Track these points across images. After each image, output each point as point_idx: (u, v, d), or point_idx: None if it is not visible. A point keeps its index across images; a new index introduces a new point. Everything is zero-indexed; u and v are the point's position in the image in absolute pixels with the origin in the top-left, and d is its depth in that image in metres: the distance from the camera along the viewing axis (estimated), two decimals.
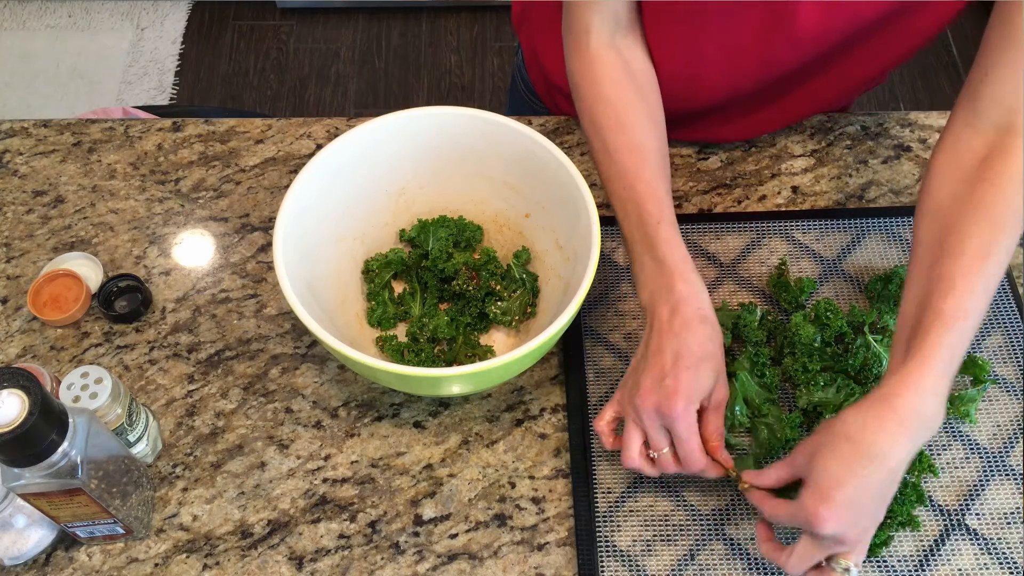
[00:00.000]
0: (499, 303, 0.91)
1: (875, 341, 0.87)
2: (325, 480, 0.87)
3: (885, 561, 0.81)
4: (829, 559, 0.73)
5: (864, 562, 0.81)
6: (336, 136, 0.89)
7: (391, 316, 0.93)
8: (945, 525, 0.83)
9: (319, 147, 1.07)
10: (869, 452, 0.69)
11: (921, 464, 0.83)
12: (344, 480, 0.87)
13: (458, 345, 0.91)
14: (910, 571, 0.81)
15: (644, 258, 0.81)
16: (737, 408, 0.86)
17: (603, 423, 0.81)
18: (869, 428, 0.69)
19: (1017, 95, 0.76)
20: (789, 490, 0.75)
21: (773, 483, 0.76)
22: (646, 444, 0.79)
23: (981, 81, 0.78)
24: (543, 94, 1.20)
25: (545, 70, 1.14)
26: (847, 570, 0.72)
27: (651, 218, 0.81)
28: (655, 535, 0.84)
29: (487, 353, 0.91)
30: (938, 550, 0.82)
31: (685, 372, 0.75)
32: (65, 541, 0.84)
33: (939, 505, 0.84)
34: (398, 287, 0.97)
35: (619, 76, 0.87)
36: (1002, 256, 0.73)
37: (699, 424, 0.78)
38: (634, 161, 0.84)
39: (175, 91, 2.37)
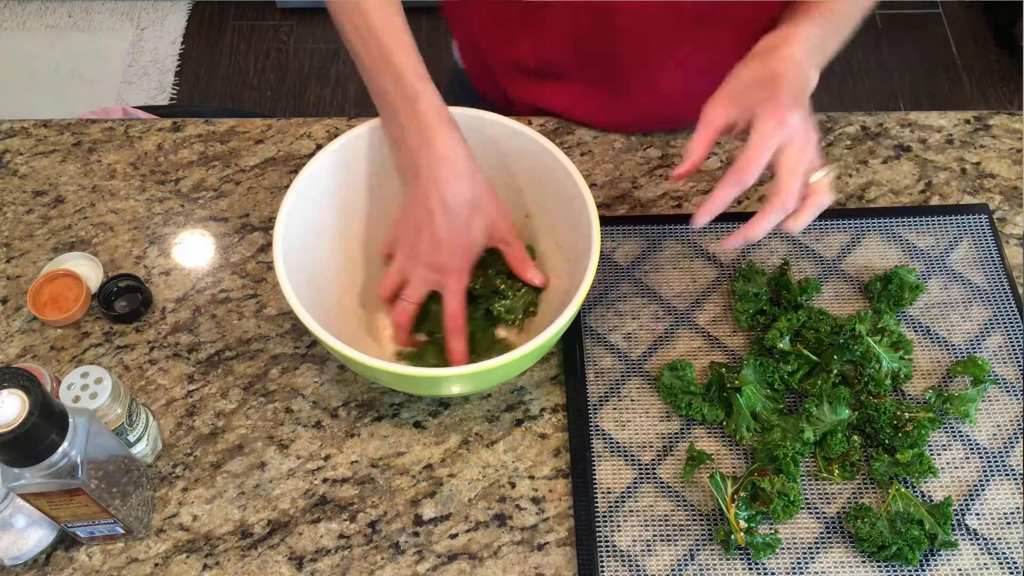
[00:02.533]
0: (503, 301, 0.91)
1: (874, 342, 0.87)
2: (325, 480, 0.87)
3: (885, 560, 0.81)
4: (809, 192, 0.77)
5: (865, 563, 0.82)
6: (336, 136, 0.89)
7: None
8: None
9: (319, 147, 1.07)
10: (785, 70, 0.76)
11: (921, 466, 0.83)
12: (344, 480, 0.87)
13: (477, 339, 0.92)
14: (910, 571, 0.81)
15: (404, 114, 0.83)
16: (744, 425, 0.86)
17: (387, 292, 0.88)
18: (775, 61, 0.77)
19: None
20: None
21: (701, 147, 0.79)
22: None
23: None
24: (485, 89, 1.17)
25: (489, 63, 1.11)
26: (825, 176, 0.77)
27: (409, 73, 0.84)
28: (655, 535, 0.84)
29: (502, 347, 0.90)
30: (938, 550, 0.82)
31: (459, 232, 0.82)
32: (65, 541, 0.84)
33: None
34: None
35: None
36: None
37: (506, 257, 0.87)
38: (384, 13, 0.87)
39: (175, 91, 2.37)
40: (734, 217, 1.01)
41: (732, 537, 0.81)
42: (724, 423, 0.87)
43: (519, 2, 0.96)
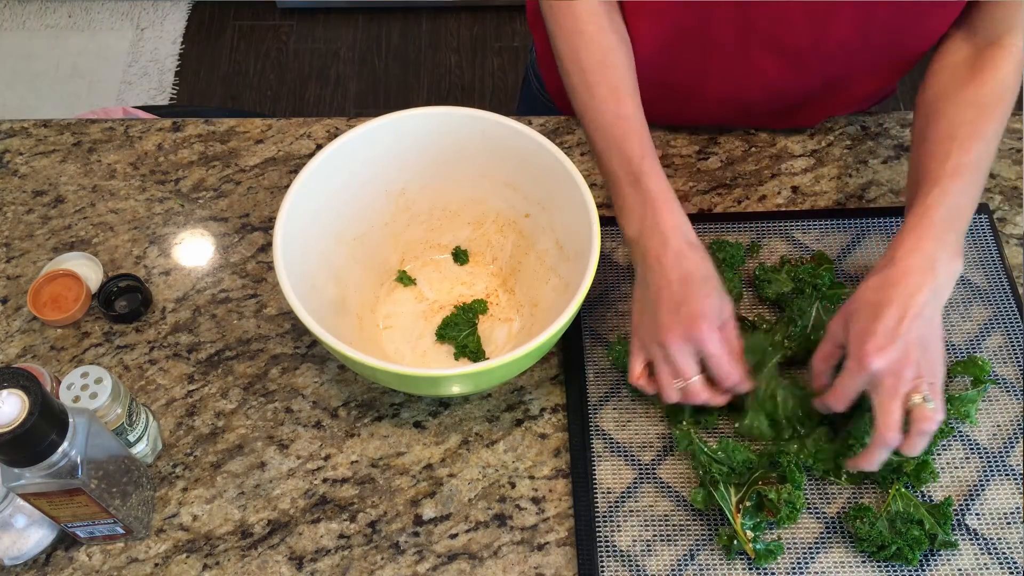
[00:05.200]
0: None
1: None
2: (325, 480, 0.87)
3: (885, 560, 0.81)
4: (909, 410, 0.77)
5: (865, 563, 0.82)
6: (336, 136, 0.89)
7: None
8: None
9: (319, 147, 1.07)
10: (896, 295, 0.76)
11: (925, 473, 0.83)
12: (344, 480, 0.87)
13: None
14: (911, 571, 0.81)
15: (628, 192, 0.83)
16: (760, 421, 0.86)
17: (637, 374, 0.84)
18: (888, 283, 0.77)
19: (1013, 15, 0.84)
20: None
21: (822, 361, 0.82)
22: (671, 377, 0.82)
23: None
24: (555, 94, 1.20)
25: (555, 69, 1.14)
26: (926, 399, 0.76)
27: (634, 154, 0.83)
28: (655, 535, 0.84)
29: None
30: (938, 550, 0.82)
31: (697, 295, 0.79)
32: (65, 541, 0.84)
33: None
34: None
35: (598, 17, 0.88)
36: (989, 137, 0.83)
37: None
38: (615, 98, 0.86)
39: (175, 91, 2.37)
40: (734, 217, 1.01)
41: (735, 542, 0.81)
42: (737, 424, 0.87)
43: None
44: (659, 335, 0.80)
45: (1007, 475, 0.86)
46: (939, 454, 0.87)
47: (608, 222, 0.99)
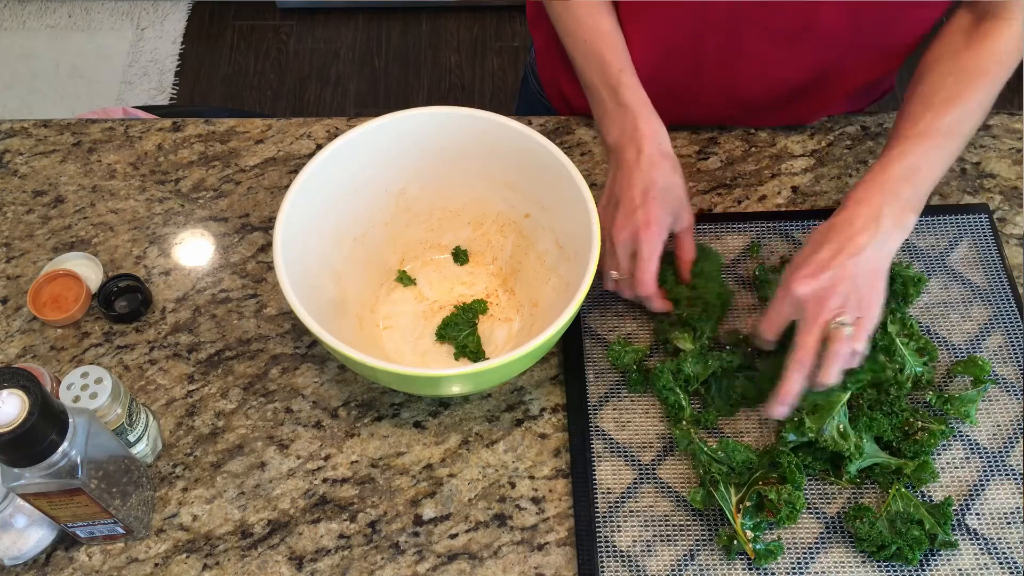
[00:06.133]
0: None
1: (902, 344, 0.87)
2: (325, 480, 0.87)
3: (885, 560, 0.81)
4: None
5: (865, 563, 0.82)
6: (336, 136, 0.89)
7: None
8: None
9: (319, 147, 1.07)
10: (835, 236, 0.80)
11: (924, 473, 0.83)
12: (344, 480, 0.87)
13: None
14: (911, 571, 0.81)
15: (607, 103, 0.89)
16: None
17: (606, 264, 0.89)
18: (831, 227, 0.81)
19: None
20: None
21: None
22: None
23: None
24: (551, 94, 1.20)
25: (555, 70, 1.14)
26: (843, 324, 0.78)
27: (612, 66, 0.89)
28: (655, 535, 0.84)
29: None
30: (938, 550, 0.82)
31: (653, 202, 0.85)
32: (65, 541, 0.84)
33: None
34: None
35: None
36: (971, 107, 0.85)
37: (677, 247, 0.91)
38: (592, 15, 0.92)
39: (175, 91, 2.37)
40: (734, 217, 1.01)
41: (735, 542, 0.81)
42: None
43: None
44: (612, 230, 0.87)
45: (1007, 475, 0.86)
46: (939, 454, 0.87)
47: None
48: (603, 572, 0.82)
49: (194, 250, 1.00)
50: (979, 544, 0.83)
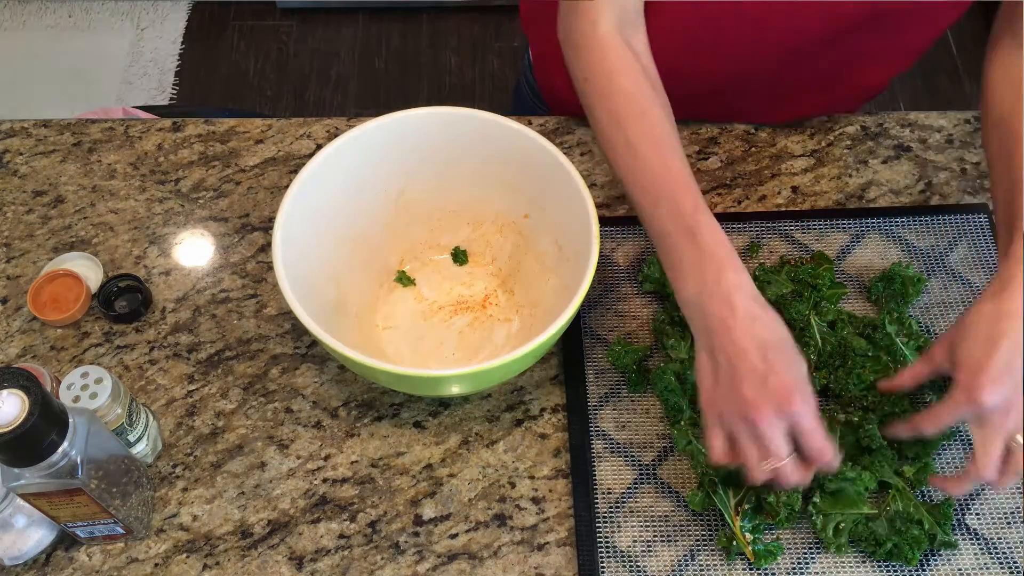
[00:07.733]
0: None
1: (903, 344, 0.87)
2: (325, 480, 0.87)
3: (885, 560, 0.81)
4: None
5: (865, 563, 0.82)
6: (336, 136, 0.89)
7: None
8: None
9: (319, 147, 1.07)
10: (1010, 327, 0.72)
11: (925, 475, 0.83)
12: (344, 480, 0.87)
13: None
14: (911, 571, 0.81)
15: (683, 249, 0.75)
16: None
17: (719, 453, 0.75)
18: (1003, 313, 0.73)
19: None
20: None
21: (910, 380, 0.79)
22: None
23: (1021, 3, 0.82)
24: (548, 97, 1.20)
25: (552, 74, 1.14)
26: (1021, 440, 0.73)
27: (686, 207, 0.76)
28: (655, 535, 0.84)
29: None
30: (938, 550, 0.82)
31: (781, 363, 0.71)
32: (65, 541, 0.84)
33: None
34: None
35: (633, 68, 0.83)
36: None
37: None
38: (658, 152, 0.79)
39: (175, 91, 2.37)
40: (734, 217, 1.01)
41: (735, 543, 0.81)
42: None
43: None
44: (746, 411, 0.70)
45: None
46: (939, 454, 0.87)
47: (608, 222, 1.00)
48: (603, 572, 0.82)
49: (194, 250, 1.01)
50: (979, 544, 0.83)
